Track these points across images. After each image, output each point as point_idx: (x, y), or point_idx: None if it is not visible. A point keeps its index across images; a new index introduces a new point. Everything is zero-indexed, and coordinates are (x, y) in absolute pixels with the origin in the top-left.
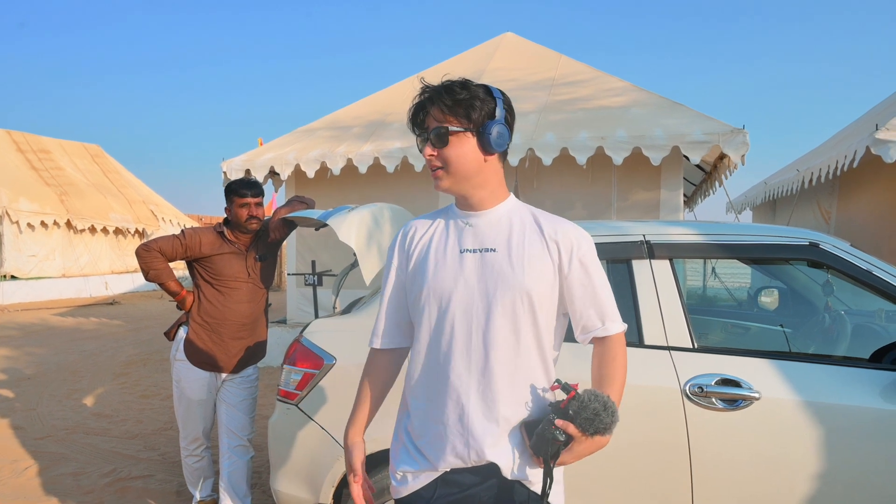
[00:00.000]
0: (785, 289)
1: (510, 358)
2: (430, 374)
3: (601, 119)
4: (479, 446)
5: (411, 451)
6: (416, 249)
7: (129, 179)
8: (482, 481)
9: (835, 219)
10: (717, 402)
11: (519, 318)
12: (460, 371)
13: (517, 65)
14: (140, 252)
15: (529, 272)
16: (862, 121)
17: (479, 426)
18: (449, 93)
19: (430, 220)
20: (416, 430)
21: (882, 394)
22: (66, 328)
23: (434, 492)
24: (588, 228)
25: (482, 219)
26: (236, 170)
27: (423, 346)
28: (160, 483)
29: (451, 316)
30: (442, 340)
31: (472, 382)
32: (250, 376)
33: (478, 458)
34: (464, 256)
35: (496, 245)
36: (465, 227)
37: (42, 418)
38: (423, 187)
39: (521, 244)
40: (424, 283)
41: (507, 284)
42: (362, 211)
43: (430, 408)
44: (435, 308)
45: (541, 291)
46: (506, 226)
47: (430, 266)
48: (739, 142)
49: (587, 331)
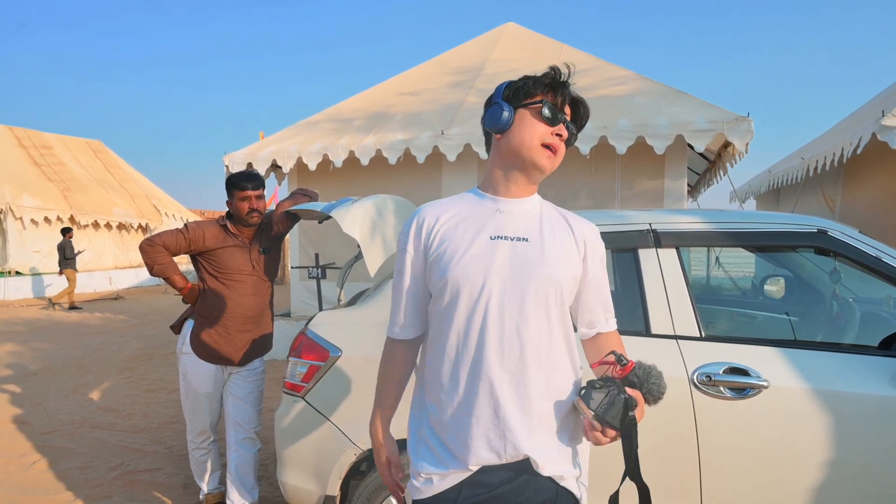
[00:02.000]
0: (792, 277)
1: (543, 349)
2: (460, 364)
3: (604, 108)
4: (515, 439)
5: (436, 449)
6: (438, 235)
7: (132, 174)
8: (512, 479)
9: (839, 206)
10: (725, 391)
11: (551, 309)
12: (494, 362)
13: (519, 55)
14: (144, 247)
15: (561, 263)
16: (867, 107)
17: (514, 419)
18: (585, 106)
19: (449, 205)
20: (445, 424)
21: (891, 381)
22: (71, 323)
23: (459, 493)
24: (593, 218)
25: (516, 207)
26: (238, 163)
27: (451, 336)
28: (167, 476)
29: (484, 304)
30: (472, 329)
31: (505, 374)
32: (256, 369)
33: (514, 452)
34: (496, 244)
35: (528, 235)
36: (494, 214)
37: (49, 413)
38: (426, 179)
39: (553, 236)
40: (453, 271)
41: (541, 275)
42: (366, 203)
43: (462, 400)
44: (466, 296)
45: (570, 285)
46: (537, 217)
47: (458, 253)
48: (744, 129)
49: (593, 325)
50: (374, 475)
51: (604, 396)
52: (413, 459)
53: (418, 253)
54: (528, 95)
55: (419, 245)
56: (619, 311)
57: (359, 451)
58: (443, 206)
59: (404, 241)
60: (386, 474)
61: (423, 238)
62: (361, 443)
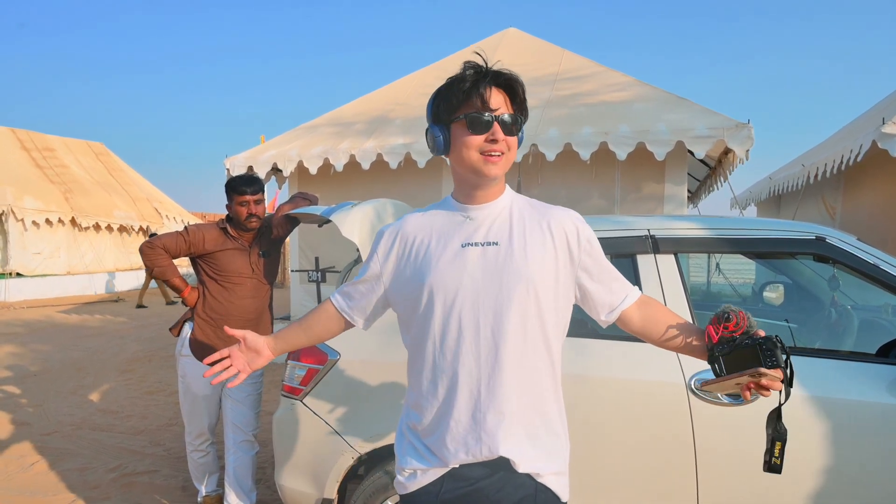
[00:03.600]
0: (790, 284)
1: (519, 352)
2: (438, 370)
3: (604, 114)
4: (491, 441)
5: (419, 448)
6: (414, 245)
7: (133, 177)
8: (490, 474)
9: (840, 214)
10: (722, 397)
11: (526, 310)
12: (470, 367)
13: (520, 60)
14: (144, 249)
15: (532, 263)
16: (867, 115)
17: (491, 421)
18: (520, 85)
19: (426, 216)
20: (425, 428)
21: (889, 389)
22: (71, 325)
23: (441, 486)
24: (592, 223)
25: (483, 211)
26: (239, 167)
27: (428, 343)
28: (166, 478)
29: (458, 311)
30: (448, 337)
31: (482, 377)
32: (255, 372)
33: (490, 454)
34: (465, 250)
35: (498, 238)
36: (464, 221)
37: (48, 414)
38: (426, 183)
39: (522, 235)
40: (427, 279)
41: (512, 277)
42: (365, 206)
43: (440, 405)
44: (440, 304)
45: (545, 282)
46: (506, 218)
47: (432, 262)
48: (744, 136)
49: (613, 307)
50: (372, 479)
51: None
52: (399, 457)
53: (386, 261)
54: (452, 110)
55: (389, 254)
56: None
57: (356, 455)
58: (420, 217)
59: (375, 247)
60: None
61: (396, 248)
62: (359, 446)
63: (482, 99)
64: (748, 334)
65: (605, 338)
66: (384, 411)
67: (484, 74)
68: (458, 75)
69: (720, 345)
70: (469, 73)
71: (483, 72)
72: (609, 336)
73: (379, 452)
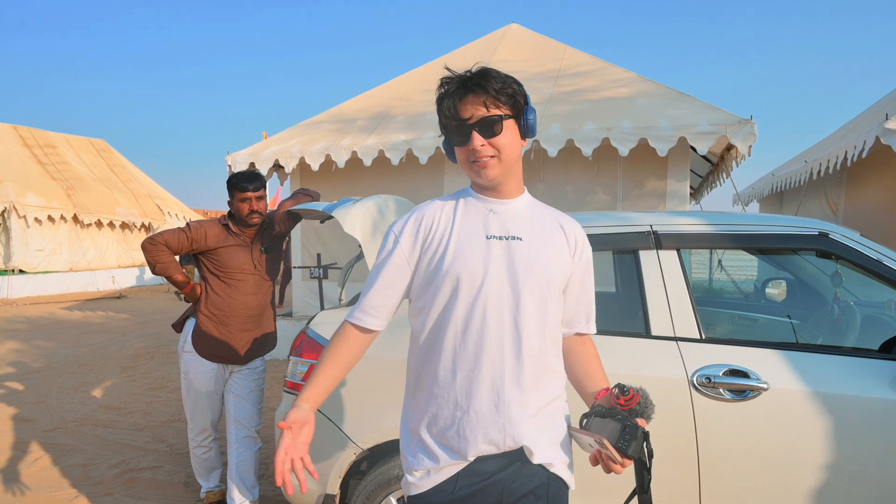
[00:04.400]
0: (793, 280)
1: (538, 345)
2: (458, 360)
3: (607, 110)
4: (515, 431)
5: (431, 445)
6: (437, 233)
7: (135, 174)
8: (506, 466)
9: (842, 210)
10: (725, 393)
11: (545, 305)
12: (494, 357)
13: (522, 56)
14: (146, 246)
15: (553, 261)
16: (870, 111)
17: (515, 412)
18: (493, 79)
19: (447, 205)
20: (442, 420)
21: (891, 385)
22: (74, 322)
23: (456, 483)
24: (595, 219)
25: (507, 207)
26: (241, 163)
27: (448, 332)
28: (168, 474)
29: (483, 301)
30: (472, 326)
31: (506, 368)
32: (257, 368)
33: (514, 444)
34: (490, 242)
35: (521, 234)
36: (488, 214)
37: (51, 410)
38: (428, 179)
39: (543, 235)
40: (453, 267)
41: (535, 273)
42: (367, 202)
43: (459, 395)
44: (465, 293)
45: (561, 283)
46: (528, 217)
47: (458, 250)
48: (747, 132)
49: (572, 325)
50: (374, 474)
51: (622, 429)
52: (408, 457)
53: (414, 249)
54: (442, 125)
55: (416, 241)
56: (619, 312)
57: (359, 451)
58: (442, 206)
59: (399, 234)
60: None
61: (421, 234)
62: (362, 442)
63: (452, 112)
64: (632, 413)
65: (607, 333)
66: (386, 407)
67: (451, 87)
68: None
69: (601, 406)
70: (441, 91)
71: (449, 84)
72: (611, 332)
73: (381, 448)
